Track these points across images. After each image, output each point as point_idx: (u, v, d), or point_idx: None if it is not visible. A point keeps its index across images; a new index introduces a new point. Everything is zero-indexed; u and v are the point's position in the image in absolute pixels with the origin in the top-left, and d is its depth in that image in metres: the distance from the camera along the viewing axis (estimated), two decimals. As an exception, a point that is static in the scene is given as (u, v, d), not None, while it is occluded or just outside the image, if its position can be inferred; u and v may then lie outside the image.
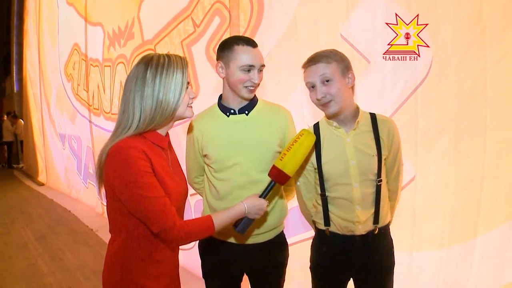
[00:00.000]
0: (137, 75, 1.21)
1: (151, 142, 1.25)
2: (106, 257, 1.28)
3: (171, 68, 1.21)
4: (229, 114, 1.58)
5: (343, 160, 1.47)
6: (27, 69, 9.38)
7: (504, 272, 1.80)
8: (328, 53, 1.45)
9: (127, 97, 1.22)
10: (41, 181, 8.29)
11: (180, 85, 1.22)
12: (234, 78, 1.50)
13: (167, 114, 1.22)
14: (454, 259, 1.89)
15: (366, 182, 1.47)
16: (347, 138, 1.47)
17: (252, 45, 1.51)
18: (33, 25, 8.35)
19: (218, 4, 2.75)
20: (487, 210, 1.78)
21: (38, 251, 4.11)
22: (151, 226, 1.17)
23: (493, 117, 1.72)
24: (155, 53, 1.25)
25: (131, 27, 4.00)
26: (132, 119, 1.20)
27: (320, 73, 1.41)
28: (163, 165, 1.25)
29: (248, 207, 1.35)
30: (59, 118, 6.98)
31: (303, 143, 1.37)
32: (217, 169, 1.57)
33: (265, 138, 1.56)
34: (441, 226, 1.89)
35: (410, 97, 1.88)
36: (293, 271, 2.54)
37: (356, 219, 1.47)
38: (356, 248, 1.51)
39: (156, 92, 1.19)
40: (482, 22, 1.67)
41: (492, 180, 1.76)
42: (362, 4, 1.97)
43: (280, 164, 1.36)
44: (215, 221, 1.26)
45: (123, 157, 1.15)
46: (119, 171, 1.15)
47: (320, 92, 1.41)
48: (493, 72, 1.69)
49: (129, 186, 1.14)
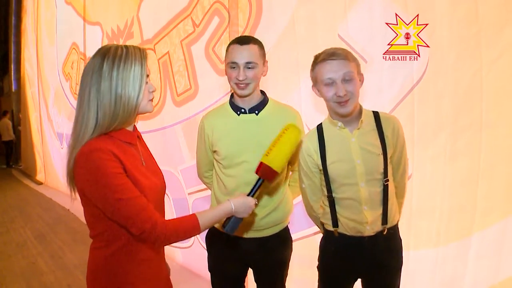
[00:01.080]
0: (93, 68, 1.12)
1: (119, 140, 1.17)
2: (89, 264, 1.21)
3: (129, 59, 1.13)
4: (239, 113, 1.62)
5: (349, 160, 1.46)
6: (25, 68, 9.37)
7: (500, 269, 1.83)
8: (346, 51, 1.44)
9: (83, 91, 1.13)
10: (40, 180, 8.28)
11: (139, 78, 1.14)
12: (227, 75, 1.58)
13: (130, 109, 1.13)
14: (451, 257, 1.92)
15: (372, 181, 1.45)
16: (352, 138, 1.46)
17: (240, 43, 1.56)
18: (31, 24, 8.35)
19: (217, 4, 2.77)
20: (483, 208, 1.81)
21: (37, 249, 4.12)
22: (131, 228, 1.10)
23: (489, 116, 1.75)
24: (113, 44, 1.16)
25: (130, 26, 4.01)
26: (88, 114, 1.12)
27: (345, 70, 1.39)
28: (134, 163, 1.18)
29: (235, 205, 1.29)
30: (56, 117, 6.98)
31: (289, 137, 1.36)
32: (226, 165, 1.61)
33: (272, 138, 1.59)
34: (438, 224, 1.91)
35: (407, 96, 1.90)
36: (292, 267, 2.57)
37: (364, 220, 1.46)
38: (365, 249, 1.49)
39: (114, 85, 1.10)
40: (478, 22, 1.70)
41: (487, 179, 1.78)
42: (360, 5, 2.00)
43: (266, 159, 1.34)
44: (201, 219, 1.19)
45: (90, 161, 1.08)
46: (88, 176, 1.09)
47: (341, 89, 1.38)
48: (489, 72, 1.71)
49: (101, 191, 1.08)
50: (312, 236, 2.32)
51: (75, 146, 1.13)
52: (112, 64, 1.11)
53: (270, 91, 2.48)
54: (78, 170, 1.11)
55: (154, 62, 3.58)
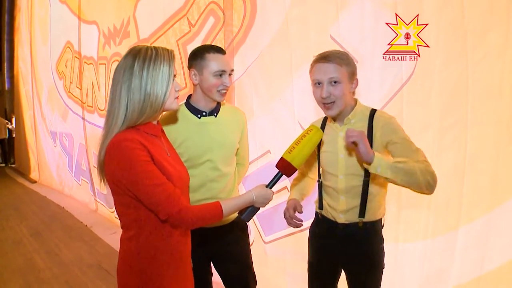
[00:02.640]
0: (125, 66, 1.22)
1: (145, 132, 1.26)
2: (121, 254, 1.30)
3: (158, 60, 1.22)
4: (200, 116, 1.72)
5: (333, 152, 1.57)
6: (19, 67, 9.31)
7: (485, 261, 1.88)
8: (341, 54, 1.49)
9: (114, 88, 1.23)
10: (34, 178, 8.27)
11: (167, 77, 1.23)
12: (208, 83, 1.65)
13: (156, 106, 1.23)
14: (438, 250, 1.97)
15: (351, 176, 1.53)
16: (340, 132, 1.55)
17: (222, 52, 1.67)
18: (25, 22, 8.30)
19: (213, 5, 2.82)
20: (469, 202, 1.87)
21: (33, 247, 4.14)
22: (158, 213, 1.19)
23: (474, 114, 1.81)
24: (143, 45, 1.26)
25: (126, 25, 4.05)
26: (119, 109, 1.21)
27: (330, 75, 1.45)
28: (160, 152, 1.27)
29: (256, 196, 1.38)
30: (50, 116, 6.97)
31: (311, 138, 1.42)
32: (188, 166, 1.67)
33: (231, 137, 1.77)
34: (426, 217, 1.98)
35: (396, 95, 1.96)
36: (284, 264, 2.63)
37: (338, 207, 1.57)
38: (338, 237, 1.59)
39: (143, 83, 1.20)
40: (464, 25, 1.76)
41: (472, 174, 1.84)
42: (351, 6, 2.05)
43: (289, 157, 1.40)
44: (224, 207, 1.29)
45: (121, 150, 1.17)
46: (119, 165, 1.18)
47: (326, 91, 1.45)
48: (474, 72, 1.77)
49: (133, 177, 1.16)
50: (304, 231, 2.37)
51: (106, 138, 1.23)
52: (143, 64, 1.21)
53: (263, 90, 2.56)
54: (110, 160, 1.20)
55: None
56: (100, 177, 1.30)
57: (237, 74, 2.66)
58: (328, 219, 1.63)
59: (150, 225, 1.24)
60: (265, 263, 2.71)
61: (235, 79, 2.67)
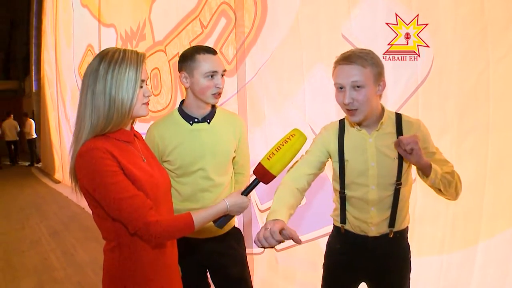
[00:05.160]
0: (91, 70, 1.16)
1: (116, 139, 1.20)
2: (104, 265, 1.25)
3: (125, 63, 1.14)
4: (192, 122, 1.65)
5: (363, 161, 1.42)
6: (44, 70, 9.60)
7: (507, 280, 1.75)
8: (364, 54, 1.33)
9: (81, 93, 1.17)
10: (58, 178, 8.46)
11: (134, 82, 1.15)
12: (200, 86, 1.58)
13: (123, 112, 1.16)
14: (455, 264, 1.85)
15: (384, 185, 1.41)
16: (370, 139, 1.42)
17: (212, 52, 1.60)
18: (50, 25, 8.55)
19: (224, 5, 2.78)
20: (490, 215, 1.74)
21: (50, 246, 4.23)
22: (127, 226, 1.14)
23: (496, 117, 1.68)
24: (112, 48, 1.20)
25: (142, 28, 4.06)
26: (84, 115, 1.15)
27: (353, 79, 1.31)
28: (132, 159, 1.21)
29: (231, 205, 1.31)
30: (73, 118, 7.11)
31: (293, 144, 1.31)
32: (180, 174, 1.64)
33: (225, 145, 1.68)
34: (442, 230, 1.85)
35: (411, 97, 1.85)
36: (294, 272, 2.55)
37: (369, 220, 1.44)
38: (369, 250, 1.47)
39: (108, 88, 1.13)
40: (483, 19, 1.63)
41: (494, 183, 1.71)
42: (363, 4, 1.96)
43: (267, 164, 1.31)
44: (195, 219, 1.22)
45: (87, 160, 1.12)
46: (87, 176, 1.13)
47: (348, 97, 1.33)
48: (495, 71, 1.65)
49: (100, 189, 1.12)
50: (316, 240, 2.29)
51: (74, 147, 1.18)
52: (108, 67, 1.14)
53: (274, 91, 2.49)
54: (78, 170, 1.15)
55: (165, 64, 3.62)
56: (73, 186, 1.23)
57: (248, 76, 2.61)
58: (354, 233, 1.49)
59: (129, 235, 1.18)
60: (276, 271, 2.64)
61: (246, 82, 2.62)
